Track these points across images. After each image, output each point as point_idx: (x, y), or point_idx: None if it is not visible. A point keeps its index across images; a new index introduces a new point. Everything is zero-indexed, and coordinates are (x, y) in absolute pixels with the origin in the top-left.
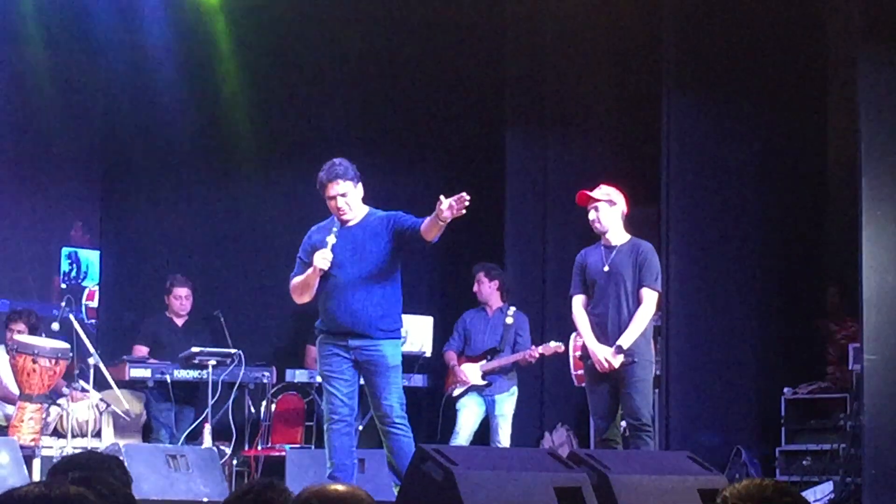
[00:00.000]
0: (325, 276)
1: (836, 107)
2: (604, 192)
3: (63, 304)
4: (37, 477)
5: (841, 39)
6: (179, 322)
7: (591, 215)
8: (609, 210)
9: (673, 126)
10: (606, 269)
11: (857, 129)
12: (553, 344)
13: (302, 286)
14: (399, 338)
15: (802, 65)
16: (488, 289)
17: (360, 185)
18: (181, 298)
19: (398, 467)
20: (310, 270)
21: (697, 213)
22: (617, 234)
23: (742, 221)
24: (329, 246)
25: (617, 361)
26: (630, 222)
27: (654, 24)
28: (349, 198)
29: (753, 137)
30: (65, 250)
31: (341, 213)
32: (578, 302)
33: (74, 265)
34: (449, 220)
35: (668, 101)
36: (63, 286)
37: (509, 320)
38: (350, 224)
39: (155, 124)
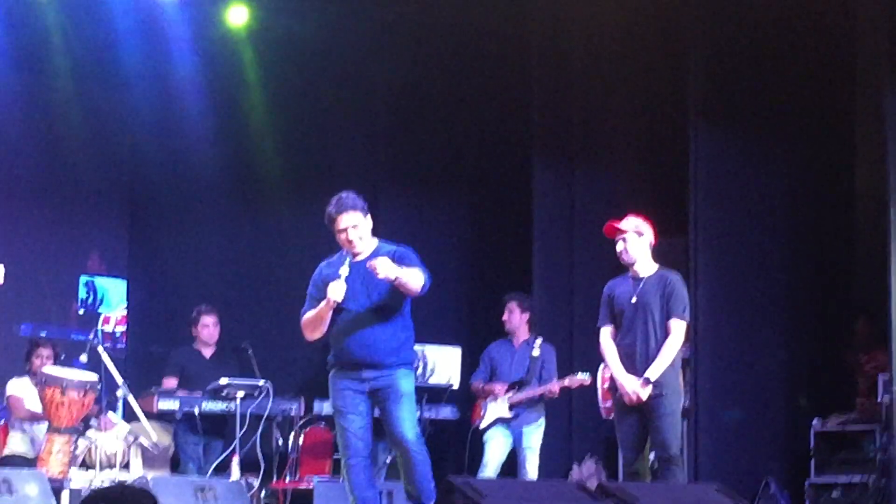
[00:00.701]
0: (337, 309)
1: (864, 137)
2: (632, 223)
3: (91, 335)
4: None
5: (869, 70)
6: (207, 353)
7: (619, 246)
8: (637, 241)
9: (700, 157)
10: (634, 300)
11: (885, 159)
12: (580, 376)
13: (315, 320)
14: (412, 368)
15: (830, 95)
16: (518, 319)
17: (368, 216)
18: (209, 326)
19: (416, 490)
20: (323, 304)
21: (725, 244)
22: (645, 265)
23: (770, 252)
24: (342, 278)
25: (645, 393)
26: (658, 253)
27: (681, 55)
28: (360, 230)
29: (781, 168)
30: (82, 278)
31: (352, 246)
32: (606, 333)
33: (91, 293)
34: (391, 279)
35: (695, 132)
36: (80, 312)
37: (536, 352)
38: (361, 257)
39: (182, 155)
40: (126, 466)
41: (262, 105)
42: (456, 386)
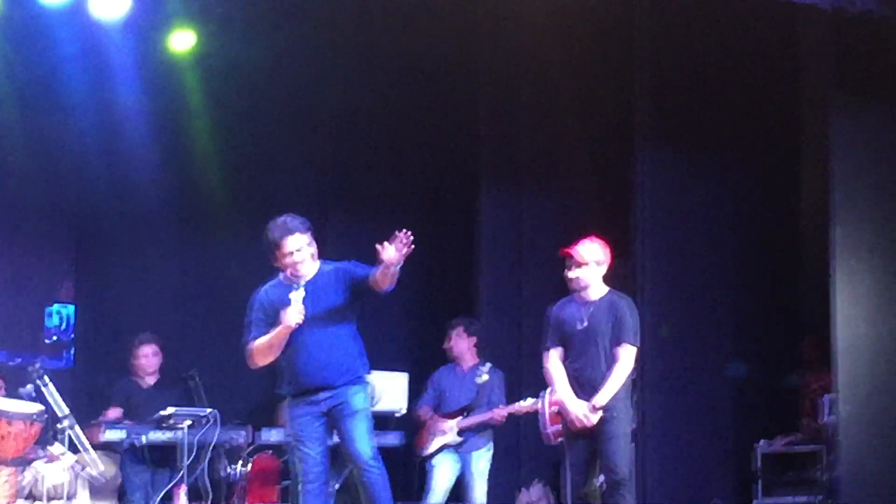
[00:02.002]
0: None
1: (808, 157)
2: (592, 254)
3: (37, 364)
4: None
5: (813, 90)
6: (150, 381)
7: (572, 273)
8: (594, 270)
9: (646, 178)
10: (585, 324)
11: (829, 178)
12: (528, 402)
13: (269, 346)
14: (366, 384)
15: (774, 116)
16: (465, 344)
17: (312, 237)
18: (148, 356)
19: None
20: (279, 329)
21: (671, 266)
22: (595, 289)
23: (715, 273)
24: (299, 300)
25: (595, 418)
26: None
27: (627, 78)
28: (304, 252)
29: (726, 188)
30: (49, 308)
31: (297, 269)
32: (555, 356)
33: (63, 320)
34: (398, 264)
35: (640, 154)
36: (48, 341)
37: (484, 377)
38: (305, 279)
39: (127, 182)
40: (72, 497)
41: (208, 131)
42: (403, 412)
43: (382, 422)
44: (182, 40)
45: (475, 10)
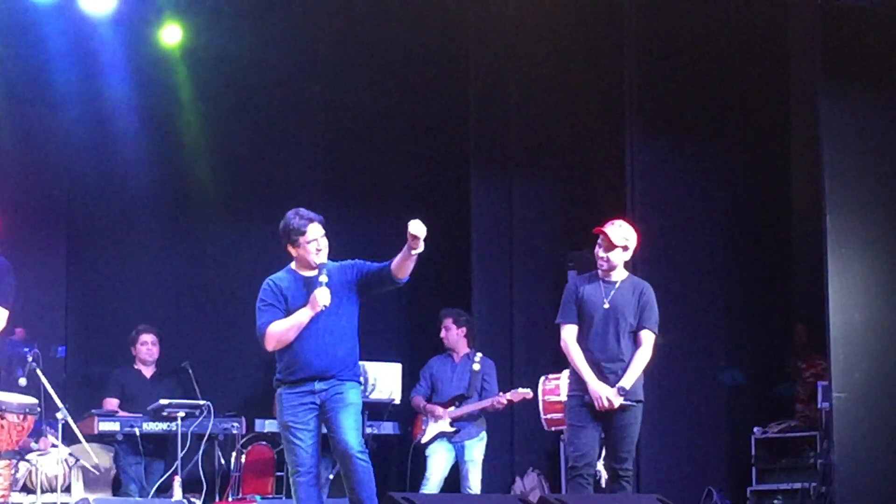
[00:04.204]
0: None
1: (799, 146)
2: (621, 236)
3: (30, 358)
4: None
5: (802, 79)
6: (147, 373)
7: (603, 253)
8: (621, 254)
9: (637, 169)
10: (606, 305)
11: (820, 166)
12: (521, 390)
13: (288, 329)
14: (360, 381)
15: (764, 104)
16: (455, 335)
17: None
18: (147, 344)
19: (360, 498)
20: (303, 311)
21: (662, 254)
22: (619, 271)
23: (708, 261)
24: (324, 284)
25: (617, 402)
26: (594, 262)
27: (617, 68)
28: (322, 241)
29: (718, 177)
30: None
31: (319, 253)
32: (572, 333)
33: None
34: (420, 249)
35: (631, 145)
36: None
37: (476, 367)
38: (312, 272)
39: (118, 176)
40: (67, 489)
41: (197, 124)
42: (397, 401)
43: (377, 411)
44: (171, 34)
45: None
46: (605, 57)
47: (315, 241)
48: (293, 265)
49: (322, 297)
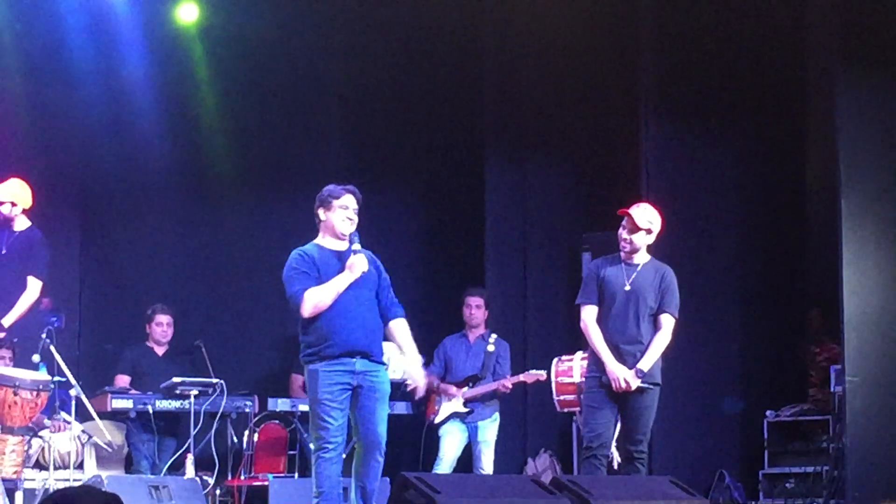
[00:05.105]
0: None
1: (814, 128)
2: (646, 218)
3: (43, 335)
4: None
5: (818, 60)
6: (160, 351)
7: (626, 234)
8: (645, 236)
9: (651, 149)
10: (628, 287)
11: (835, 150)
12: (535, 372)
13: (326, 292)
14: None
15: (780, 87)
16: (483, 315)
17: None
18: (163, 325)
19: (371, 488)
20: (346, 274)
21: (677, 235)
22: (641, 254)
23: (722, 244)
24: (360, 251)
25: (635, 384)
26: (610, 245)
27: (632, 48)
28: (352, 213)
29: (732, 160)
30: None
31: (348, 223)
32: (593, 314)
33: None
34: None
35: (646, 125)
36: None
37: (490, 348)
38: (343, 246)
39: (134, 153)
40: (80, 466)
41: (214, 102)
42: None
43: (391, 390)
44: (188, 12)
45: None
46: (621, 40)
47: (347, 208)
48: (319, 239)
49: (360, 262)
